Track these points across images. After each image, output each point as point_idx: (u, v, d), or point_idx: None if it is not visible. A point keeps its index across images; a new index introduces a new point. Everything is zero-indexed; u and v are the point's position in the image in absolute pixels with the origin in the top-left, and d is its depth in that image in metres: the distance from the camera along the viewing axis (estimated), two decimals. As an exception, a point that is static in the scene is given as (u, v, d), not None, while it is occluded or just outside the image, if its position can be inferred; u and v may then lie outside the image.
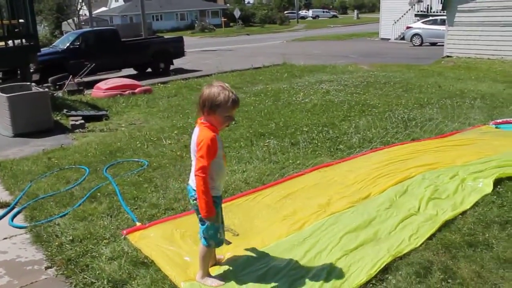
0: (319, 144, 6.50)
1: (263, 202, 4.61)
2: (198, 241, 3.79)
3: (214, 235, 3.26)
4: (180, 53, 18.51)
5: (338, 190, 4.80)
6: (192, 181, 3.16)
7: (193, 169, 3.13)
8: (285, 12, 70.25)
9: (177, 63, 18.48)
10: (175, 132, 7.51)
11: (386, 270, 3.41)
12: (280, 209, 4.42)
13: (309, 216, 4.20)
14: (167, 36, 23.45)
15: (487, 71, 13.98)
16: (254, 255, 3.66)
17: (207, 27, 50.86)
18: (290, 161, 5.82)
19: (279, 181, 5.11)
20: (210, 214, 3.07)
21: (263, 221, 4.21)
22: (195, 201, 3.17)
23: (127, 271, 3.49)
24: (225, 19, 51.25)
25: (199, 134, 3.04)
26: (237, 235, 3.97)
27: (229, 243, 3.79)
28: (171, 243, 3.84)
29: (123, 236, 4.02)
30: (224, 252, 3.66)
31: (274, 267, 3.45)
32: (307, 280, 3.29)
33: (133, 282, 3.37)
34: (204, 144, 2.96)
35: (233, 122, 3.71)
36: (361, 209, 4.35)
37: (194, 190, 3.12)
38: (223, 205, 4.41)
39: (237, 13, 48.38)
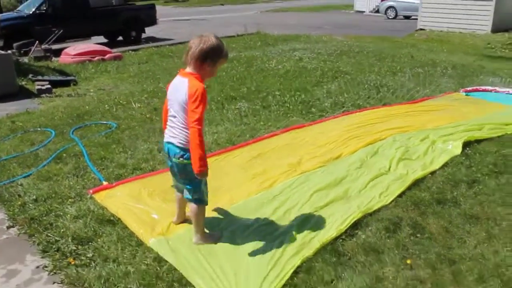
0: (291, 107, 6.45)
1: (233, 162, 4.54)
2: (166, 199, 3.75)
3: (206, 190, 3.17)
4: (152, 21, 18.01)
5: (309, 150, 4.77)
6: (175, 138, 2.97)
7: (175, 124, 2.97)
8: (260, -17, 69.12)
9: (149, 31, 18.01)
10: (145, 96, 7.35)
11: (356, 225, 3.42)
12: (250, 168, 4.37)
13: (279, 175, 4.16)
14: (139, 4, 22.79)
15: (459, 45, 14.10)
16: (222, 213, 3.61)
17: (181, -3, 49.76)
18: (262, 123, 5.76)
19: (250, 142, 5.05)
20: (204, 168, 2.91)
21: (233, 180, 4.15)
22: (181, 159, 2.98)
23: (92, 229, 3.40)
24: (199, -11, 50.09)
25: (190, 85, 2.85)
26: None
27: (197, 201, 3.73)
28: (138, 201, 3.76)
29: (89, 195, 3.92)
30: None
31: (242, 225, 3.41)
32: (276, 236, 3.26)
33: (98, 239, 3.29)
34: (199, 95, 2.81)
35: None
36: (331, 169, 4.34)
37: (179, 147, 2.96)
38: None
39: (211, -17, 47.38)
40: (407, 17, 23.77)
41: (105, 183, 4.11)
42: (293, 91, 7.32)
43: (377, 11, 26.67)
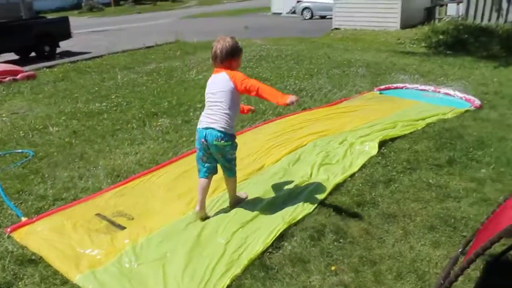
0: (212, 120, 6.47)
1: (157, 183, 4.50)
2: (91, 229, 3.67)
3: (235, 164, 3.82)
4: (66, 34, 17.33)
5: (233, 164, 4.81)
6: (215, 123, 3.52)
7: (214, 111, 3.55)
8: (177, -12, 68.45)
9: (64, 45, 17.34)
10: (63, 118, 7.08)
11: (282, 237, 3.51)
12: (175, 188, 4.36)
13: (205, 193, 4.17)
14: (51, 16, 21.85)
15: (372, 42, 14.76)
16: (149, 240, 3.56)
17: (96, 6, 48.12)
18: (184, 138, 5.75)
19: (173, 160, 5.03)
20: (286, 97, 3.39)
21: (159, 202, 4.12)
22: (222, 141, 3.53)
23: (12, 272, 3.23)
24: (115, -3, 48.76)
25: (230, 75, 3.52)
26: (132, 219, 3.86)
27: (123, 228, 3.69)
28: (61, 235, 3.63)
29: (6, 235, 3.71)
30: (120, 239, 3.53)
31: (170, 250, 3.39)
32: (204, 256, 3.28)
33: (19, 282, 3.14)
34: (239, 73, 3.55)
35: None
36: (255, 181, 4.42)
37: (220, 131, 3.50)
38: (116, 190, 4.32)
39: (126, -9, 46.31)
40: (323, 17, 24.51)
41: (24, 219, 3.92)
42: (215, 102, 7.34)
43: (294, 12, 27.27)
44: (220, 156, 3.65)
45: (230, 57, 3.56)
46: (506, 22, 14.72)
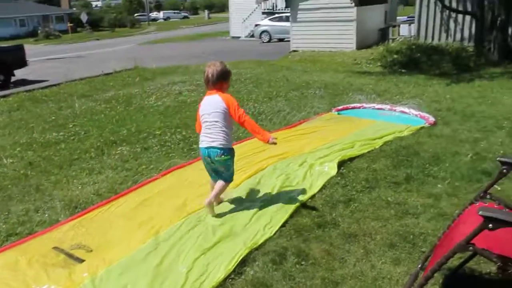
0: (172, 146, 6.45)
1: (117, 212, 4.41)
2: (47, 264, 3.56)
3: (233, 172, 4.25)
4: (22, 63, 16.96)
5: (193, 190, 4.78)
6: (215, 141, 3.97)
7: (213, 130, 3.98)
8: (135, 14, 68.33)
9: (19, 74, 16.97)
10: (18, 149, 6.88)
11: (243, 262, 3.48)
12: (135, 217, 4.27)
13: (165, 220, 4.12)
14: (4, 45, 21.37)
15: (329, 63, 15.08)
16: (109, 272, 3.47)
17: (52, 34, 47.54)
18: (144, 166, 5.68)
19: (133, 189, 4.94)
20: (269, 137, 4.03)
21: (119, 232, 4.03)
22: (222, 156, 4.02)
23: (-38, 313, 3.10)
24: (72, 24, 48.23)
25: (222, 97, 3.95)
26: (91, 251, 3.76)
27: (81, 261, 3.59)
28: (15, 272, 3.48)
29: (-44, 275, 3.55)
30: (78, 273, 3.43)
31: (131, 282, 3.31)
32: (166, 286, 3.22)
33: (-30, 323, 3.00)
34: (232, 100, 3.98)
35: None
36: (216, 206, 4.38)
37: (219, 147, 3.97)
38: (74, 222, 4.23)
39: (84, 17, 45.81)
40: (281, 40, 24.97)
41: (-26, 257, 3.76)
42: (174, 128, 7.32)
43: (252, 36, 27.68)
44: (223, 169, 4.13)
45: (222, 80, 3.96)
46: (455, 41, 15.38)
